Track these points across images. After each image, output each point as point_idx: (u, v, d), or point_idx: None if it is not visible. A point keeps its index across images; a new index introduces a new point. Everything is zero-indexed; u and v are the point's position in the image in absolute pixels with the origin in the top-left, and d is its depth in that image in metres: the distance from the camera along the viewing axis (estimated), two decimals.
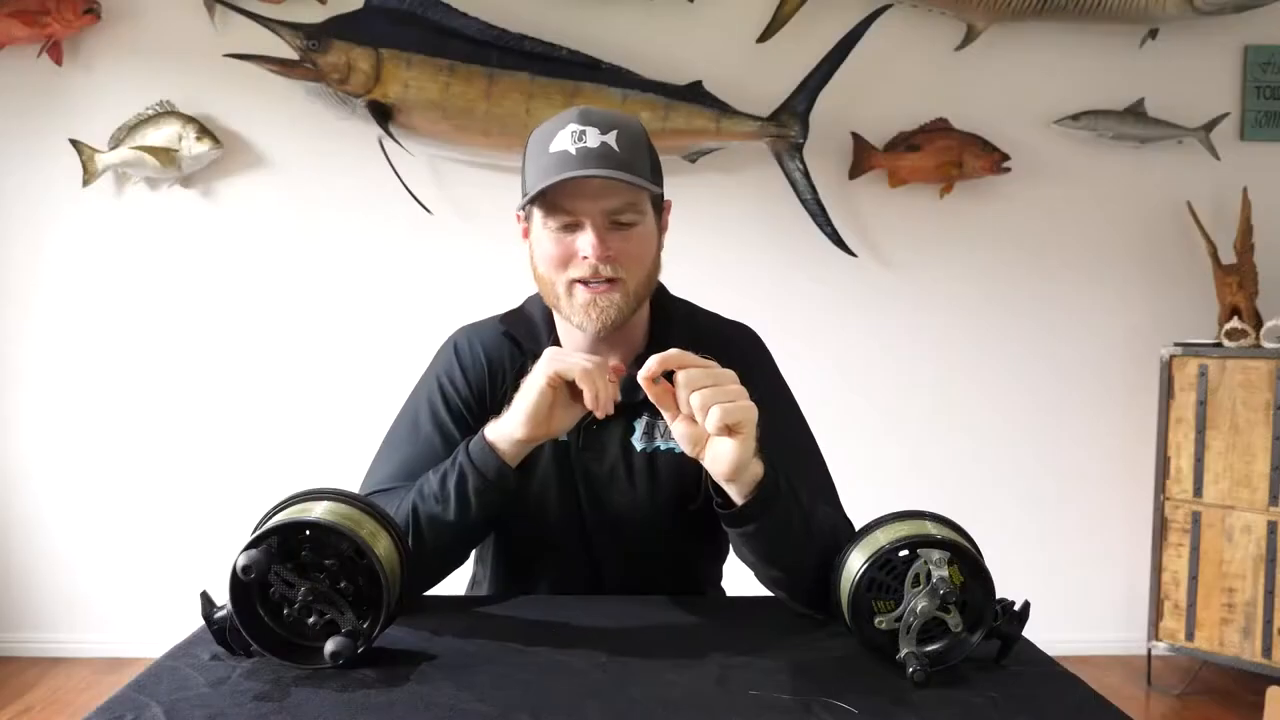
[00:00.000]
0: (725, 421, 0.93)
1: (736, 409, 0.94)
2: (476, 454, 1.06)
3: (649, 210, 1.15)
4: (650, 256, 1.16)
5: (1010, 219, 3.02)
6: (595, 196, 1.09)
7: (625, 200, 1.10)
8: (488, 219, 2.92)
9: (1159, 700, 2.77)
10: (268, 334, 2.95)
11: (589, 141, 1.08)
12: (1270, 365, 2.61)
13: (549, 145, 1.10)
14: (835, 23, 2.86)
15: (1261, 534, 2.62)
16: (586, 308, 1.12)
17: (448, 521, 1.06)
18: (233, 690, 0.85)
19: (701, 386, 0.94)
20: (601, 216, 1.10)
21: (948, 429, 3.05)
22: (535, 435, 1.05)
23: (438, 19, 2.79)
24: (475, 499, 1.06)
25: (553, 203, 1.10)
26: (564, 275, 1.12)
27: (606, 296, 1.11)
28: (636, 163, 1.11)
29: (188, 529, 2.95)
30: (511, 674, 0.89)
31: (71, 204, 2.90)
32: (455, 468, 1.07)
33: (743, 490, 0.99)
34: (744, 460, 0.96)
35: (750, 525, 1.01)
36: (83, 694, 2.70)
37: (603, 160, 1.08)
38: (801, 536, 1.03)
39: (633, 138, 1.12)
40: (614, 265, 1.10)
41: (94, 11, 2.78)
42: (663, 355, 0.95)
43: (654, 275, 1.19)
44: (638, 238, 1.13)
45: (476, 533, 1.13)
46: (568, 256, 1.11)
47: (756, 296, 2.91)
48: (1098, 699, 0.87)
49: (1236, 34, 2.99)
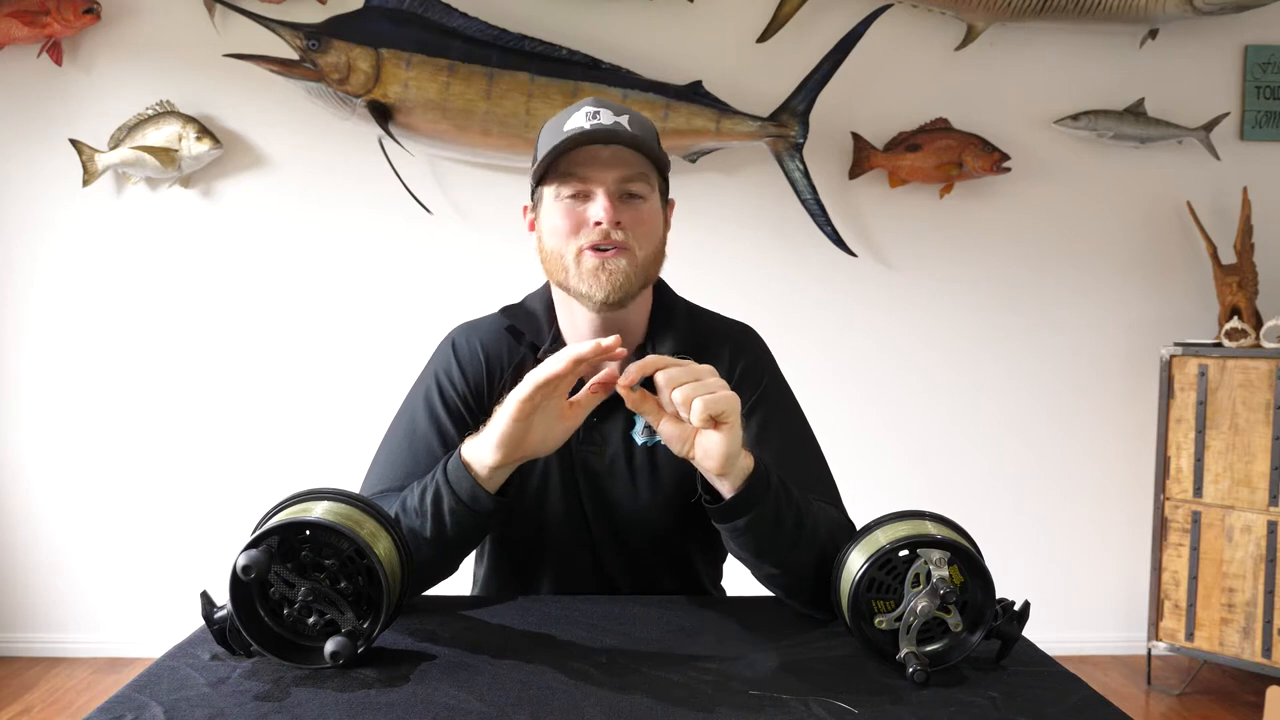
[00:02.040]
0: (709, 412, 0.93)
1: (719, 399, 0.94)
2: (452, 473, 1.05)
3: (656, 191, 1.17)
4: (657, 234, 1.18)
5: (1010, 219, 3.02)
6: (607, 165, 1.12)
7: (636, 170, 1.14)
8: (488, 219, 2.92)
9: (1159, 700, 2.77)
10: (268, 334, 2.95)
11: (603, 120, 1.12)
12: (1270, 365, 2.61)
13: (563, 125, 1.14)
14: (835, 23, 2.86)
15: (1261, 534, 2.62)
16: (595, 271, 1.12)
17: (425, 538, 1.05)
18: (233, 690, 0.85)
19: (681, 383, 0.94)
20: (614, 184, 1.13)
21: (947, 429, 3.05)
22: (511, 459, 1.02)
23: (438, 19, 2.80)
24: (449, 519, 1.04)
25: (566, 171, 1.13)
26: (574, 243, 1.13)
27: (614, 261, 1.12)
28: (648, 144, 1.14)
29: (187, 529, 2.95)
30: (511, 674, 0.89)
31: (71, 204, 2.90)
32: (433, 484, 1.06)
33: (734, 484, 1.00)
34: (733, 450, 0.97)
35: (740, 519, 1.01)
36: (83, 694, 2.70)
37: (615, 136, 1.11)
38: (794, 532, 1.03)
39: (644, 125, 1.17)
40: (624, 232, 1.12)
41: (94, 11, 2.78)
42: (639, 363, 0.95)
43: (659, 256, 1.19)
44: (646, 211, 1.15)
45: (456, 548, 1.08)
46: (578, 224, 1.13)
47: (756, 296, 2.91)
48: (1098, 699, 0.87)
49: (1236, 34, 2.99)
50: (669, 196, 1.22)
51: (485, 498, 1.04)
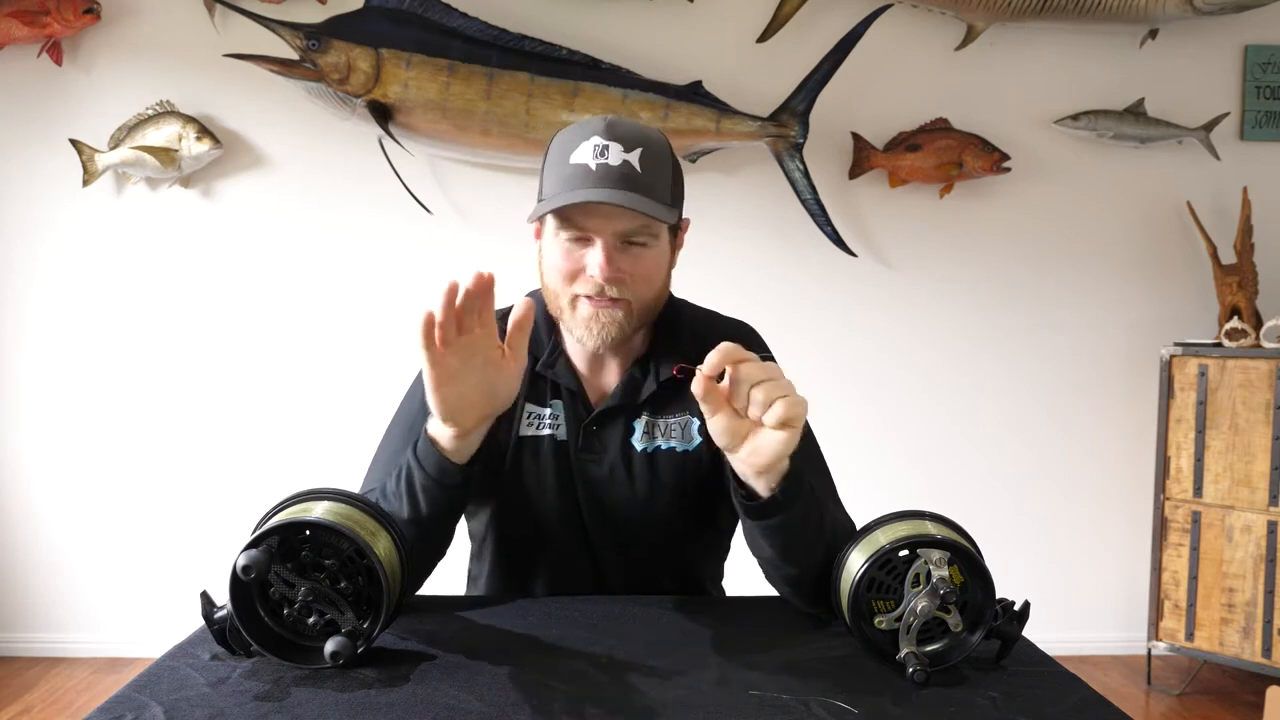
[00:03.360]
0: (787, 415, 0.92)
1: (795, 403, 0.92)
2: (420, 450, 1.06)
3: (663, 233, 1.14)
4: (659, 278, 1.16)
5: (1010, 219, 3.02)
6: (609, 216, 1.09)
7: (639, 224, 1.10)
8: (488, 219, 2.92)
9: (1159, 700, 2.77)
10: (267, 334, 2.95)
11: (610, 159, 1.08)
12: (1270, 365, 2.61)
13: (570, 155, 1.10)
14: (835, 23, 2.86)
15: (1261, 534, 2.62)
16: (588, 322, 1.12)
17: (404, 519, 1.06)
18: (233, 690, 0.85)
19: (760, 381, 0.92)
20: (613, 236, 1.10)
21: (947, 428, 3.05)
22: (465, 423, 1.02)
23: (438, 19, 2.79)
24: (423, 496, 1.06)
25: (566, 217, 1.10)
26: (570, 289, 1.13)
27: (609, 313, 1.12)
28: (658, 185, 1.10)
29: (187, 529, 2.95)
30: (511, 674, 0.89)
31: (71, 204, 2.90)
32: (404, 465, 1.07)
33: (770, 483, 0.98)
34: (787, 454, 0.95)
35: (776, 517, 1.00)
36: (83, 694, 2.70)
37: (622, 180, 1.07)
38: (818, 533, 1.03)
39: (657, 157, 1.11)
40: (620, 286, 1.11)
41: (94, 11, 2.78)
42: (723, 350, 0.92)
43: (661, 295, 1.18)
44: (648, 259, 1.13)
45: (435, 528, 1.09)
46: (575, 271, 1.12)
47: (756, 296, 2.91)
48: (1098, 699, 0.87)
49: (1236, 34, 2.99)
50: (684, 218, 1.19)
51: (453, 470, 1.04)
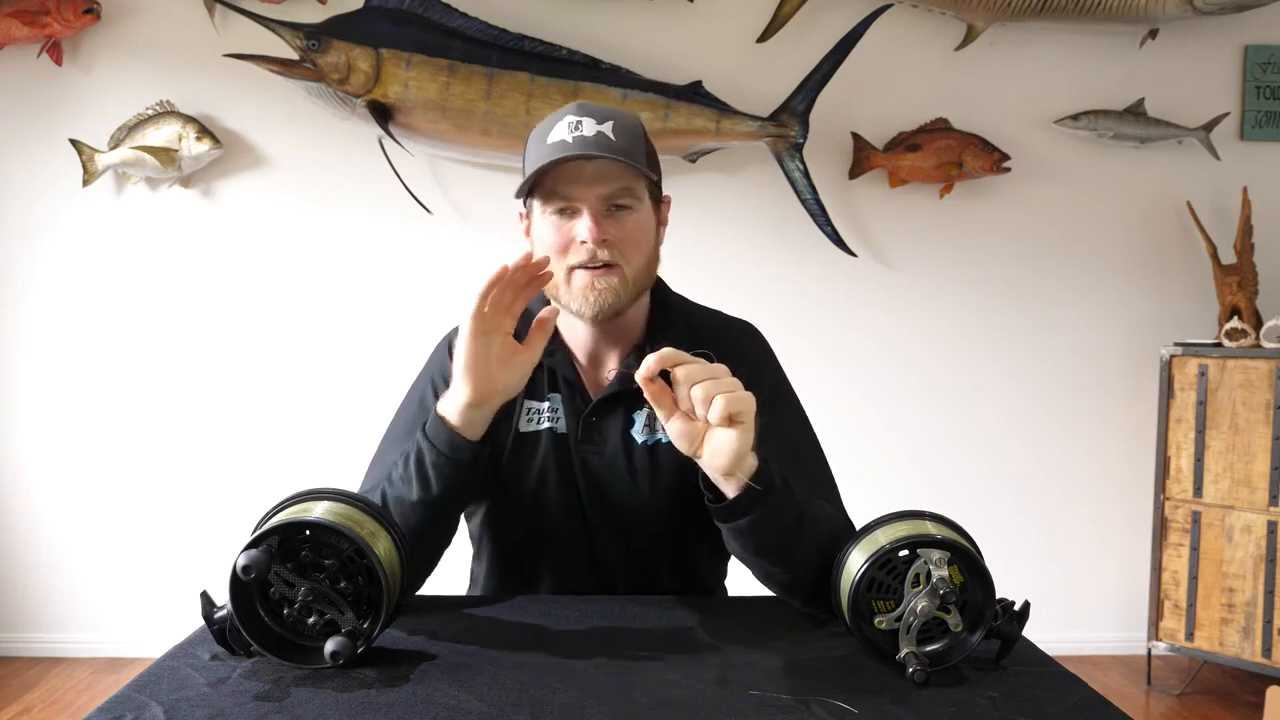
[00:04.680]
0: (729, 410, 0.93)
1: (739, 398, 0.94)
2: (430, 428, 1.07)
3: (645, 198, 1.17)
4: (648, 243, 1.18)
5: (1010, 219, 3.02)
6: (591, 182, 1.12)
7: (621, 185, 1.13)
8: (488, 219, 2.92)
9: (1159, 700, 2.77)
10: (267, 334, 2.95)
11: (585, 130, 1.11)
12: (1270, 365, 2.61)
13: (547, 137, 1.13)
14: (835, 23, 2.86)
15: (1261, 534, 2.62)
16: (584, 290, 1.13)
17: (412, 501, 1.07)
18: (233, 690, 0.85)
19: (700, 379, 0.94)
20: (598, 201, 1.12)
21: (947, 428, 3.05)
22: (482, 393, 1.04)
23: (438, 19, 2.80)
24: (433, 473, 1.06)
25: (549, 189, 1.13)
26: (563, 262, 1.14)
27: (604, 279, 1.13)
28: (633, 151, 1.13)
29: (187, 529, 2.95)
30: (511, 674, 0.89)
31: (71, 204, 2.90)
32: (414, 446, 1.08)
33: (738, 485, 1.00)
34: (744, 450, 0.97)
35: (743, 519, 1.01)
36: (83, 694, 2.70)
37: (598, 147, 1.10)
38: (794, 531, 1.03)
39: (629, 129, 1.14)
40: (611, 250, 1.12)
41: (94, 11, 2.78)
42: (659, 354, 0.94)
43: (653, 264, 1.20)
44: (634, 223, 1.15)
45: (444, 510, 1.10)
46: (566, 243, 1.13)
47: (756, 296, 2.91)
48: (1098, 699, 0.87)
49: (1236, 34, 2.99)
50: (664, 194, 1.22)
51: (464, 445, 1.05)
